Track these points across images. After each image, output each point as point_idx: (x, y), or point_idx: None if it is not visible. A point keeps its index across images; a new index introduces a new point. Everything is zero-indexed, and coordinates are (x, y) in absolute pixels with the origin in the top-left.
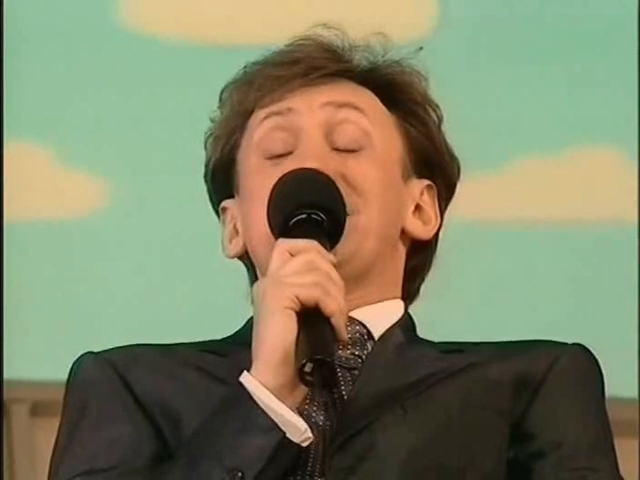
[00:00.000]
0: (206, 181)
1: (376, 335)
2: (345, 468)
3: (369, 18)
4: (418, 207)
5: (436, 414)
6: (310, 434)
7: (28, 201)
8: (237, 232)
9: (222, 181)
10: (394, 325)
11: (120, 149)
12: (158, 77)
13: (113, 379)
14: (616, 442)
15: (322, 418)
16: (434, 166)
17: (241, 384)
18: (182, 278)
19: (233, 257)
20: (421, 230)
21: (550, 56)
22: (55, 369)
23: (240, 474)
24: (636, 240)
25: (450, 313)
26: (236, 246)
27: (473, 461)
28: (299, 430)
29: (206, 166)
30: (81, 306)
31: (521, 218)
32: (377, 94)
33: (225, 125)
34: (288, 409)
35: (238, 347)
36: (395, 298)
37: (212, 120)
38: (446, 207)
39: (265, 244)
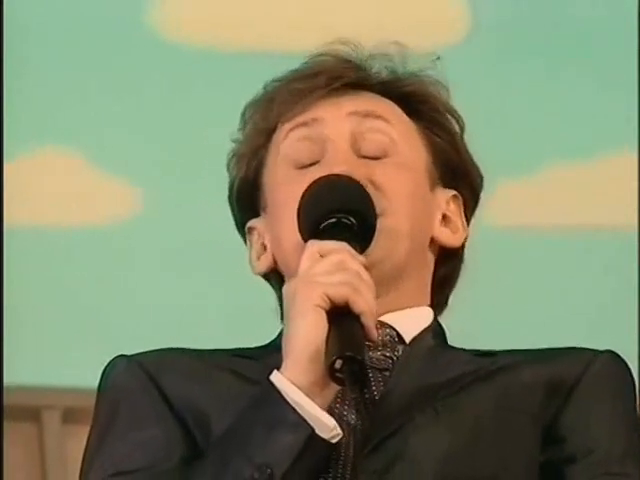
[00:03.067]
0: (230, 202)
1: (407, 339)
2: (378, 471)
3: (400, 25)
4: (445, 217)
5: (468, 417)
6: (339, 431)
7: (55, 208)
8: (265, 249)
9: (248, 200)
10: (424, 330)
11: (151, 156)
12: (189, 83)
13: (145, 382)
14: None
15: (354, 417)
16: (459, 176)
17: (270, 382)
18: (211, 286)
19: (261, 273)
20: (450, 238)
21: (581, 60)
22: (87, 376)
23: (269, 470)
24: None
25: (475, 319)
26: (265, 261)
27: (506, 465)
28: (328, 427)
29: (230, 186)
30: (114, 313)
31: (549, 224)
32: (398, 104)
33: (249, 144)
34: (316, 406)
35: (270, 352)
36: (424, 305)
37: (234, 141)
38: (471, 217)
39: (296, 251)
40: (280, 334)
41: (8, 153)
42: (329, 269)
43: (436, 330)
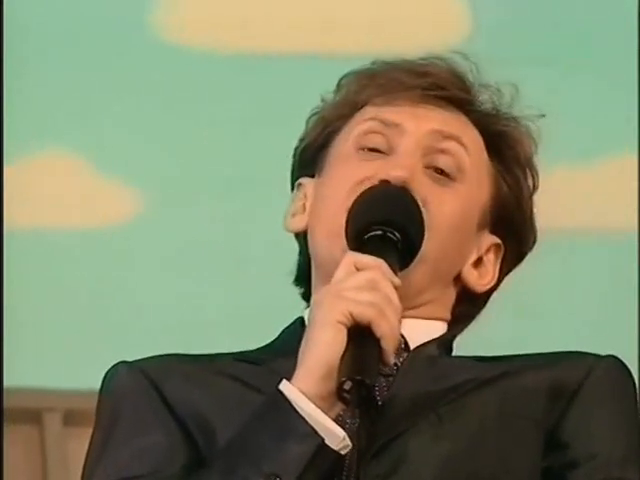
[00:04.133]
0: (294, 154)
1: (412, 347)
2: (381, 475)
3: (401, 26)
4: (480, 260)
5: (471, 422)
6: (349, 442)
7: (56, 208)
8: (304, 210)
9: (309, 160)
10: (432, 340)
11: (151, 157)
12: (190, 84)
13: (147, 388)
14: None
15: (356, 423)
16: (512, 229)
17: (280, 391)
18: (212, 287)
19: (291, 232)
20: (474, 281)
21: (581, 61)
22: (88, 378)
23: None
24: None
25: (475, 321)
26: (299, 222)
27: (509, 471)
28: (337, 437)
29: (300, 141)
30: (114, 315)
31: (549, 226)
32: (485, 140)
33: (333, 110)
34: (326, 416)
35: (273, 356)
36: (441, 320)
37: (323, 100)
38: (508, 272)
39: (328, 234)
40: (281, 334)
41: (8, 155)
42: (360, 286)
43: (442, 342)
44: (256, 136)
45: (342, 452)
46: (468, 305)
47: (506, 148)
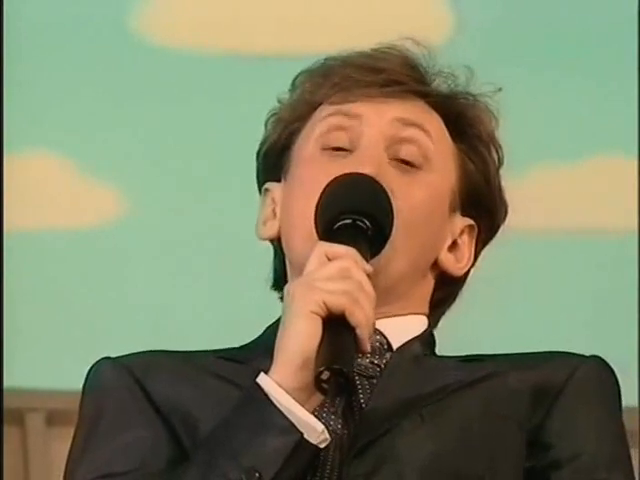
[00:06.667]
0: (257, 158)
1: (395, 346)
2: (362, 475)
3: (382, 25)
4: (455, 243)
5: (455, 423)
6: (327, 435)
7: (44, 211)
8: (274, 216)
9: (273, 163)
10: (414, 338)
11: (139, 159)
12: (174, 87)
13: (130, 384)
14: None
15: (340, 426)
16: (482, 206)
17: (257, 385)
18: (201, 288)
19: (265, 239)
20: (452, 266)
21: (566, 62)
22: (71, 378)
23: (258, 474)
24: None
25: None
26: (271, 229)
27: (492, 471)
28: (316, 431)
29: (261, 144)
30: (98, 316)
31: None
32: (446, 122)
33: (291, 110)
34: (305, 410)
35: (257, 354)
36: (420, 314)
37: (279, 101)
38: (483, 248)
39: (304, 238)
40: (265, 332)
41: None
42: (332, 275)
43: (426, 339)
44: (243, 138)
45: (321, 446)
46: (447, 289)
47: (467, 127)
